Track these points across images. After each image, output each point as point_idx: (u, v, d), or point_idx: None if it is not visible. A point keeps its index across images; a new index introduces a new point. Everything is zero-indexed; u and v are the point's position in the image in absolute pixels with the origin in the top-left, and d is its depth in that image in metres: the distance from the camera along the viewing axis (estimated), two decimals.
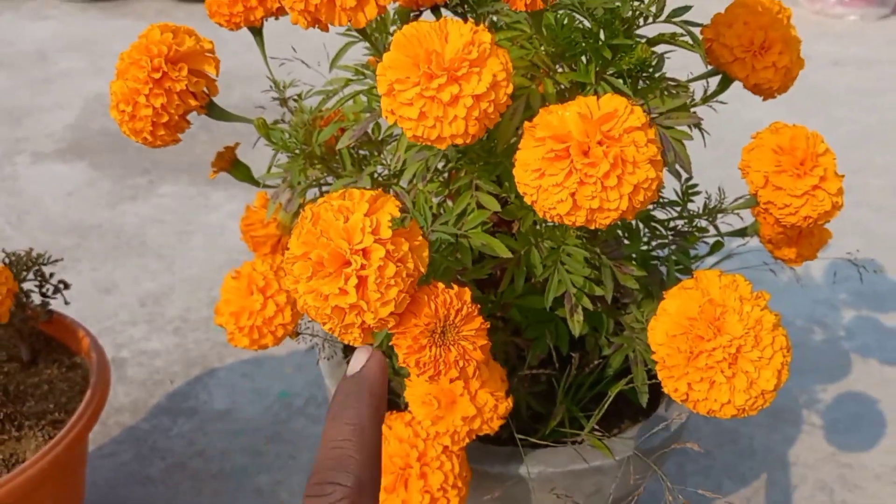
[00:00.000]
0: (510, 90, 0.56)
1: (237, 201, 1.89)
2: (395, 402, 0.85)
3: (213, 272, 1.62)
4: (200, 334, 1.45)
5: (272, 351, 1.40)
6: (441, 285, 0.56)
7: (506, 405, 0.67)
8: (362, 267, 0.51)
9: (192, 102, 0.69)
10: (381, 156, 0.77)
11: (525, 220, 0.68)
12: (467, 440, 0.65)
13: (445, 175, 0.77)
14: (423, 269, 0.54)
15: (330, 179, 0.80)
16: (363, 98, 0.76)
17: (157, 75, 0.66)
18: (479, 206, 0.67)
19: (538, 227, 0.69)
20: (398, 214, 0.54)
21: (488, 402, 0.65)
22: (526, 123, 0.58)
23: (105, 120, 2.24)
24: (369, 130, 0.76)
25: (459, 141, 0.56)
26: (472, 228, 0.66)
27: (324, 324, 0.53)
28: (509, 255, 0.64)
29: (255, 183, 0.83)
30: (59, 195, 1.89)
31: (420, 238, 0.55)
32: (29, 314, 0.90)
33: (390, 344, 0.56)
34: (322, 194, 0.81)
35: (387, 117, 0.58)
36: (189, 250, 1.70)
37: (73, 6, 3.18)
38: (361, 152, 0.78)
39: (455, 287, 0.56)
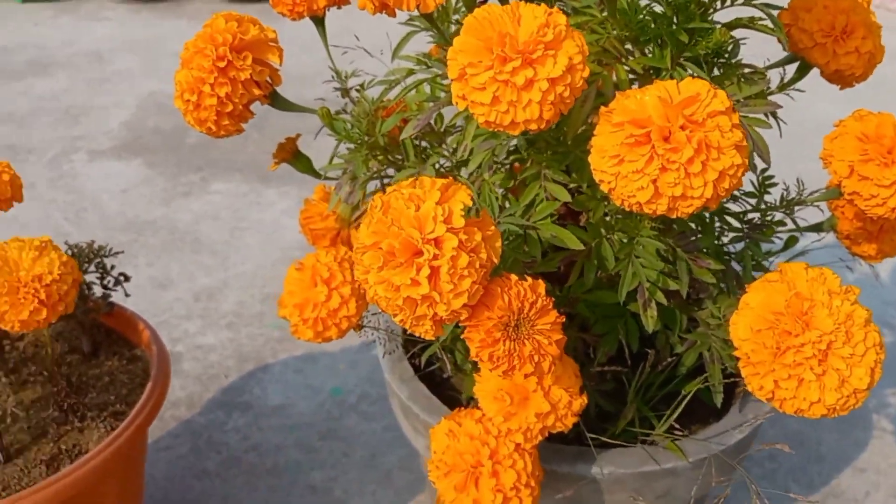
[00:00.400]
0: (586, 74, 0.54)
1: (290, 199, 1.89)
2: (455, 398, 0.83)
3: (266, 268, 1.63)
4: (254, 329, 1.45)
5: (325, 347, 1.40)
6: (514, 277, 0.54)
7: (580, 402, 0.65)
8: (435, 257, 0.49)
9: (256, 91, 0.68)
10: (443, 146, 0.76)
11: (596, 210, 0.65)
12: (540, 438, 0.63)
13: (507, 167, 0.75)
14: (496, 260, 0.52)
15: (390, 172, 0.78)
16: (426, 87, 0.75)
17: (222, 64, 0.66)
18: (548, 196, 0.65)
19: (609, 218, 0.67)
20: (470, 203, 0.52)
21: (562, 399, 0.63)
22: (602, 109, 0.55)
23: (158, 118, 2.27)
24: (432, 121, 0.74)
25: (533, 126, 0.54)
26: (540, 219, 0.64)
27: (394, 315, 0.51)
28: (581, 246, 0.62)
29: (316, 174, 0.82)
30: (115, 192, 1.92)
31: (492, 227, 0.53)
32: (90, 306, 0.91)
33: (461, 336, 0.55)
34: (383, 187, 0.79)
35: (457, 103, 0.56)
36: (243, 247, 1.71)
37: (129, 8, 3.24)
38: (423, 143, 0.76)
39: (528, 279, 0.54)
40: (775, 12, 0.70)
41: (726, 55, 0.69)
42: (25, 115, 2.32)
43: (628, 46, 0.68)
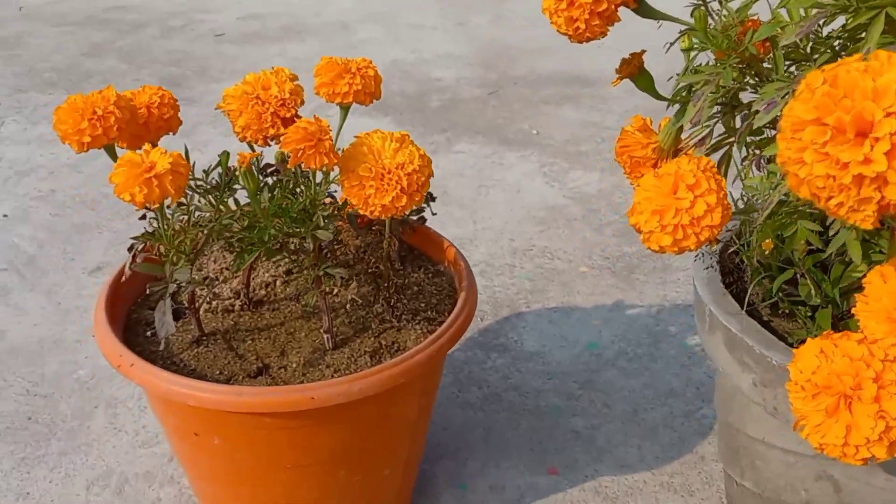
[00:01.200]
0: None
1: (530, 163, 1.90)
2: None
3: (513, 225, 1.64)
4: (506, 279, 1.47)
5: (578, 301, 1.38)
6: None
7: None
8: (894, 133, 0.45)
9: None
10: (810, 65, 0.71)
11: None
12: None
13: None
14: None
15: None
16: None
17: None
18: None
19: None
20: None
21: None
22: None
23: (402, 83, 2.36)
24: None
25: None
26: None
27: (829, 199, 0.48)
28: None
29: (657, 95, 0.80)
30: None
31: None
32: (408, 218, 0.95)
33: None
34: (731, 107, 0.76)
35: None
36: (488, 203, 1.73)
37: None
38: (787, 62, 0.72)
39: None
40: None
41: None
42: None
43: None
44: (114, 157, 0.70)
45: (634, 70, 0.77)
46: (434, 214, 0.98)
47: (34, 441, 1.10)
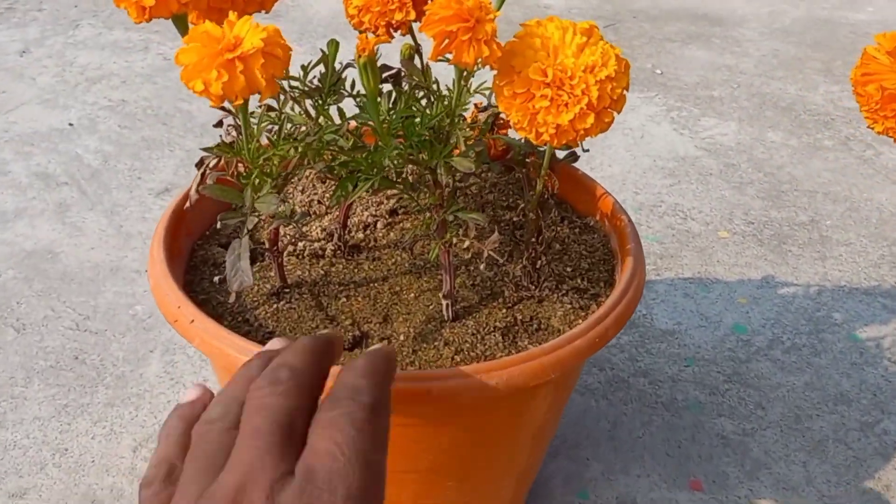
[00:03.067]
0: None
1: (654, 105, 1.65)
2: None
3: (636, 175, 1.40)
4: None
5: (718, 272, 1.15)
6: None
7: None
8: None
9: None
10: None
11: None
12: None
13: None
14: None
15: None
16: None
17: None
18: None
19: None
20: None
21: None
22: None
23: (507, 8, 2.11)
24: None
25: None
26: None
27: None
28: None
29: None
30: None
31: None
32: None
33: None
34: None
35: None
36: (607, 147, 1.49)
37: None
38: None
39: None
40: None
41: None
42: None
43: None
44: (184, 30, 0.50)
45: None
46: (586, 151, 0.76)
47: (79, 386, 0.94)
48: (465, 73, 0.52)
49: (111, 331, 1.03)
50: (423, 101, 0.59)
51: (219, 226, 0.51)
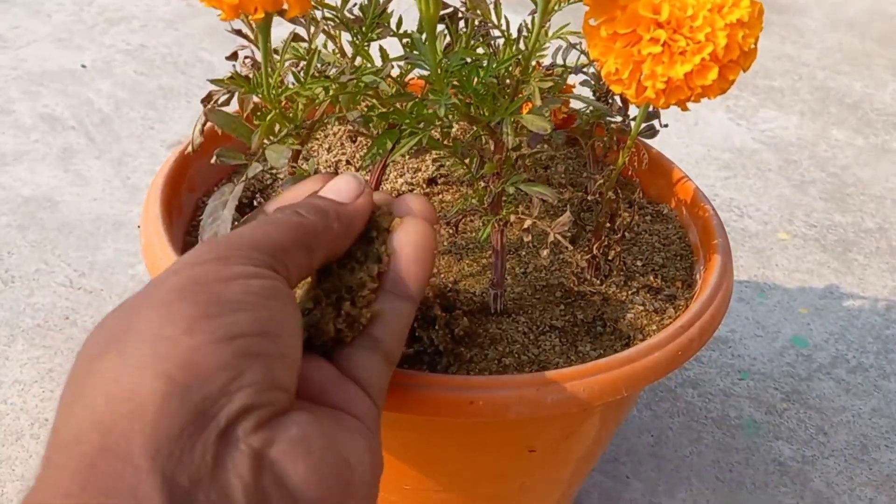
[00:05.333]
0: None
1: None
2: None
3: (689, 164, 1.29)
4: None
5: (777, 277, 1.04)
6: None
7: None
8: None
9: None
10: None
11: None
12: None
13: None
14: None
15: None
16: None
17: None
18: None
19: None
20: None
21: None
22: None
23: None
24: None
25: None
26: None
27: None
28: None
29: None
30: None
31: None
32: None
33: None
34: None
35: None
36: (662, 134, 1.37)
37: None
38: None
39: None
40: None
41: None
42: None
43: None
44: None
45: None
46: (665, 126, 0.65)
47: (67, 349, 0.85)
48: (551, 5, 0.41)
49: (107, 291, 0.93)
50: (480, 50, 0.48)
51: (214, 160, 0.41)
